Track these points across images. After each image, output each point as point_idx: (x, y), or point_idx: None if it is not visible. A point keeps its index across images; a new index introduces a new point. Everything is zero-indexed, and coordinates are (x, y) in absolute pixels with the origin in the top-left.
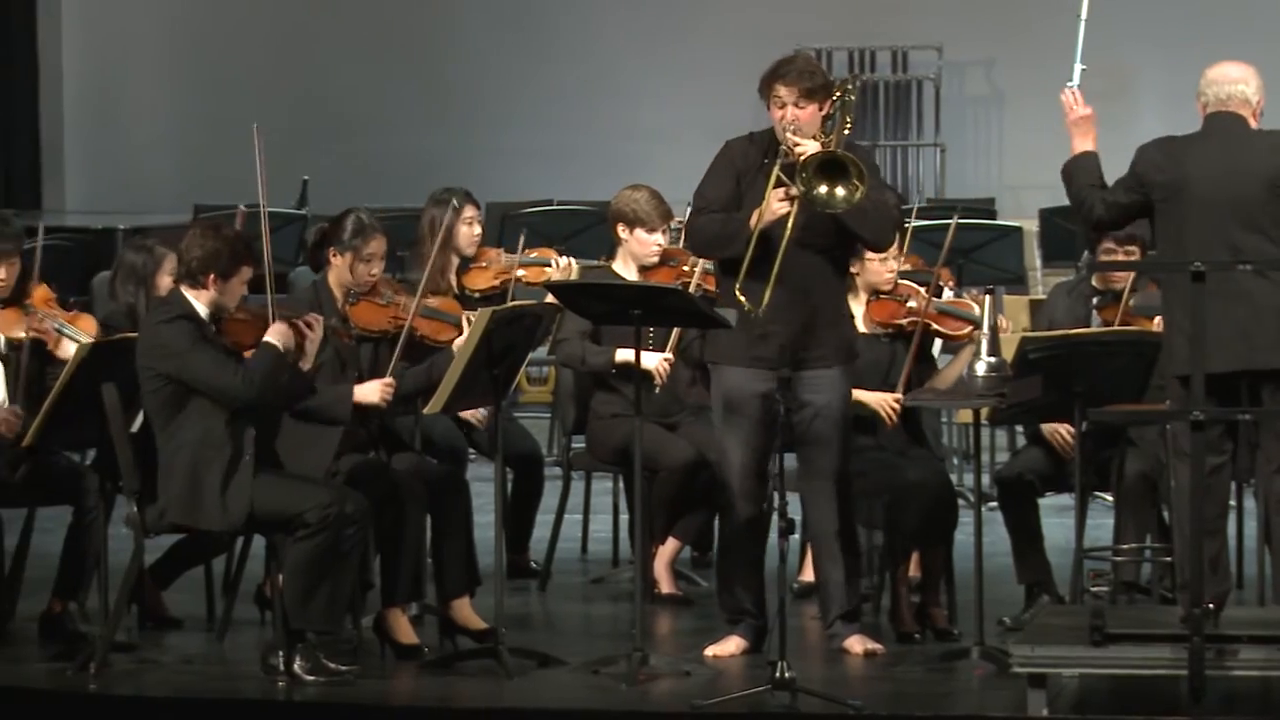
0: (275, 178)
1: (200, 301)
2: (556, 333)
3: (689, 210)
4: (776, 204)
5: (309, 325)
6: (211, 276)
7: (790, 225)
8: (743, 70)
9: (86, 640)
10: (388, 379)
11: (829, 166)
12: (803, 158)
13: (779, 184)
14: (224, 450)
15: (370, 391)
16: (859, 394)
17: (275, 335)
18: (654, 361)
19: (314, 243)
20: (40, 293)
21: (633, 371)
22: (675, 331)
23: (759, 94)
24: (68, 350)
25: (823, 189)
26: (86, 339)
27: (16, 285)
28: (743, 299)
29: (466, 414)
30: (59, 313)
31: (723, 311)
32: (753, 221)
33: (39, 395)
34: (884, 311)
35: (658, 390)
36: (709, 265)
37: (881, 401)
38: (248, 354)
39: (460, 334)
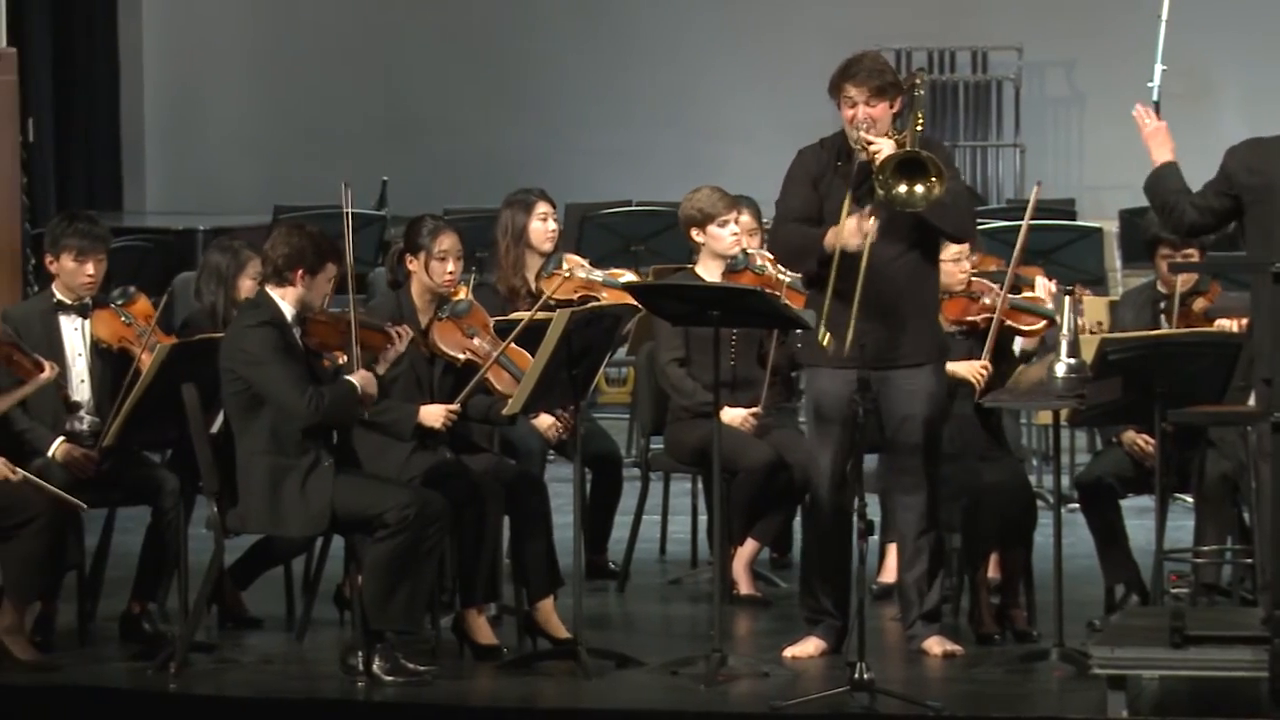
0: (355, 179)
1: (287, 300)
2: (658, 352)
3: (773, 221)
4: (850, 236)
5: (398, 336)
6: (299, 272)
7: (866, 257)
8: (823, 71)
9: (166, 640)
10: (454, 405)
11: (907, 165)
12: (879, 159)
13: (852, 211)
14: (302, 457)
15: (434, 416)
16: (950, 365)
17: (359, 379)
18: (739, 418)
19: (393, 263)
20: (141, 306)
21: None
22: (767, 383)
23: (829, 94)
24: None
25: (902, 188)
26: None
27: (106, 286)
28: (825, 345)
29: (539, 425)
30: (157, 332)
31: (802, 313)
32: (828, 240)
33: (120, 399)
34: (958, 309)
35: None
36: (795, 281)
37: (971, 370)
38: (327, 357)
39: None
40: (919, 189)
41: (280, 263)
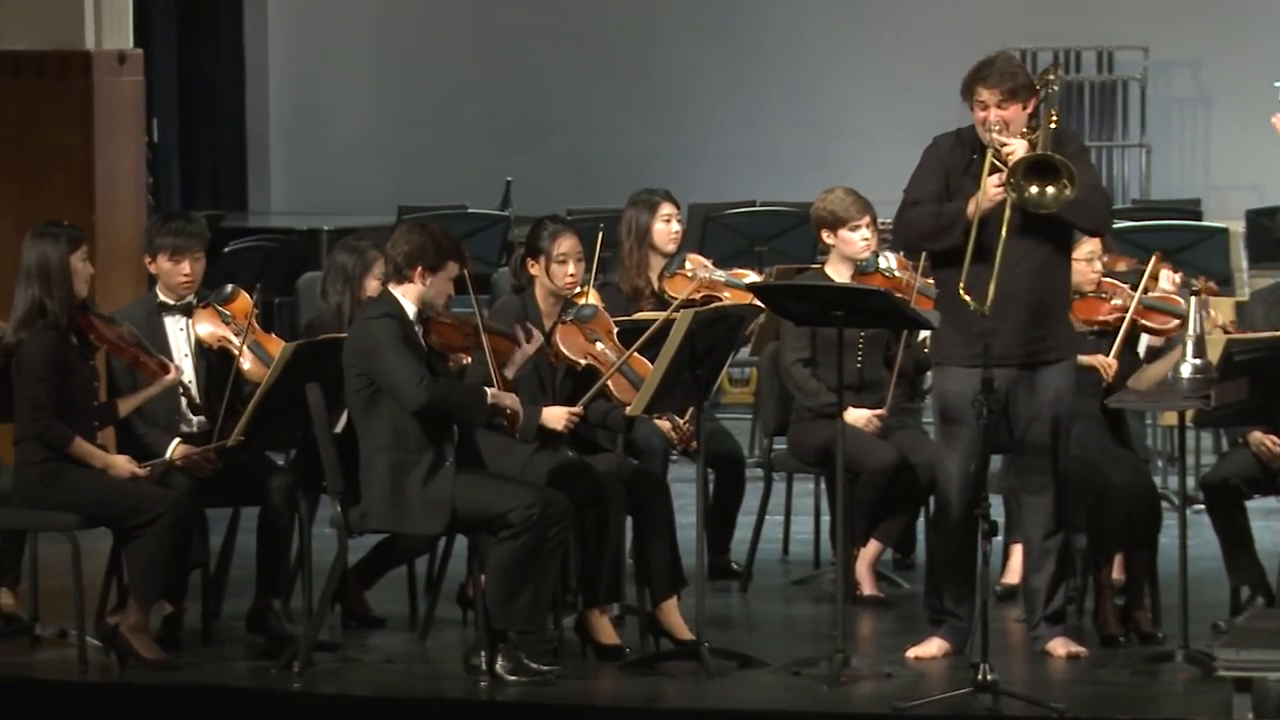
0: (478, 179)
1: (408, 299)
2: (783, 352)
3: (899, 207)
4: (992, 190)
5: (528, 338)
6: (419, 269)
7: (1008, 214)
8: (948, 71)
9: (290, 639)
10: (577, 408)
11: (1039, 167)
12: (1011, 160)
13: (993, 170)
14: (424, 454)
15: (556, 418)
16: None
17: (494, 394)
18: (862, 419)
19: (516, 267)
20: (240, 304)
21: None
22: (892, 384)
23: (961, 97)
24: (252, 369)
25: (1033, 190)
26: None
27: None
28: (968, 299)
29: (661, 424)
30: (257, 331)
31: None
32: (970, 210)
33: (226, 399)
34: (1089, 310)
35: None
36: (925, 286)
37: (1099, 361)
38: (452, 358)
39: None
40: (1050, 190)
41: (401, 260)
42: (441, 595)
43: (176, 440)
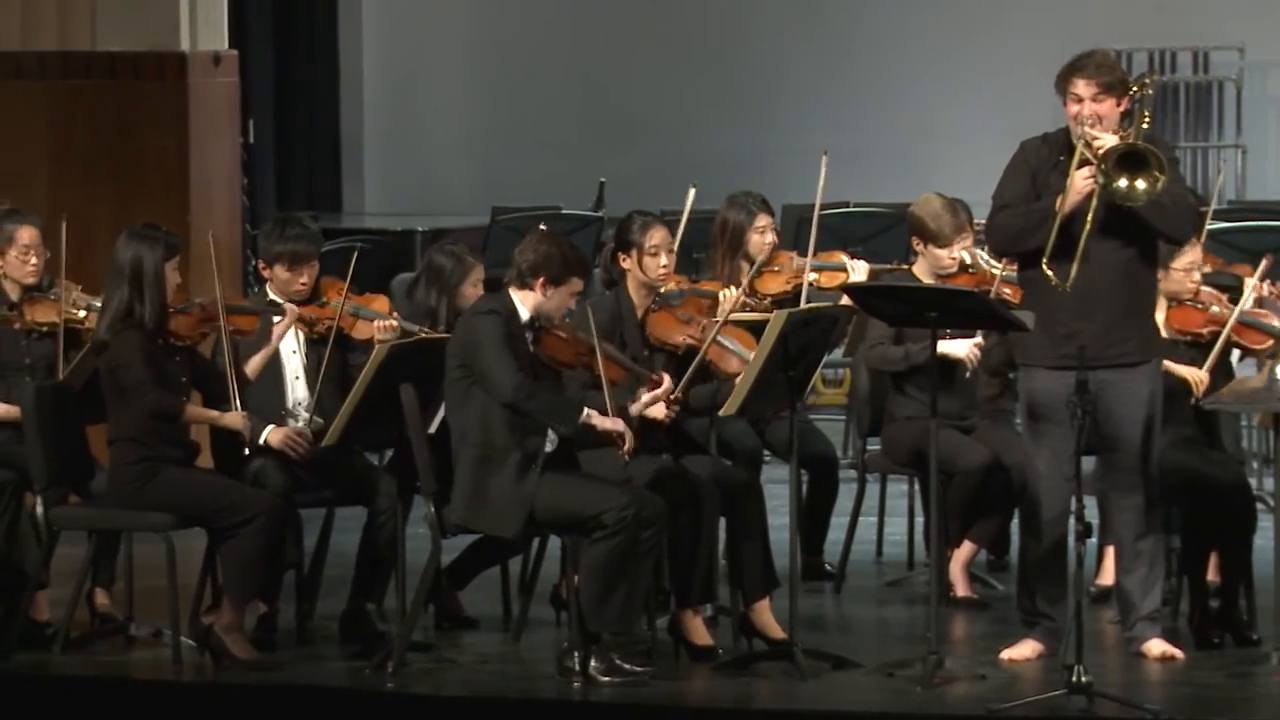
0: (572, 180)
1: (525, 304)
2: (863, 343)
3: (989, 212)
4: (1081, 182)
5: (657, 384)
6: (541, 280)
7: (1094, 205)
8: (1041, 72)
9: (384, 639)
10: (675, 393)
11: (1129, 159)
12: (1101, 151)
13: (1083, 163)
14: (511, 454)
15: (656, 408)
16: (1170, 365)
17: (599, 419)
18: (964, 349)
19: (607, 262)
20: (325, 284)
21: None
22: (983, 384)
23: (1055, 89)
24: (364, 330)
25: (1123, 182)
26: (384, 317)
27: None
28: (1050, 273)
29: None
30: (354, 296)
31: (1020, 314)
32: (1058, 204)
33: (343, 385)
34: (1184, 319)
35: (968, 375)
36: (1009, 274)
37: (1191, 374)
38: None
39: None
40: (1140, 184)
41: (525, 268)
42: (534, 596)
43: (270, 425)
